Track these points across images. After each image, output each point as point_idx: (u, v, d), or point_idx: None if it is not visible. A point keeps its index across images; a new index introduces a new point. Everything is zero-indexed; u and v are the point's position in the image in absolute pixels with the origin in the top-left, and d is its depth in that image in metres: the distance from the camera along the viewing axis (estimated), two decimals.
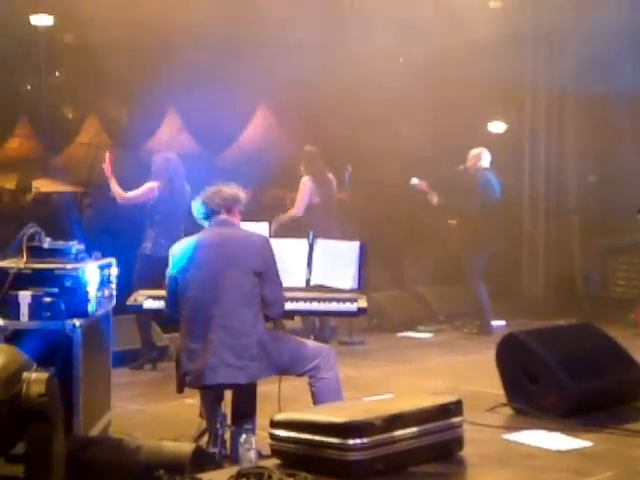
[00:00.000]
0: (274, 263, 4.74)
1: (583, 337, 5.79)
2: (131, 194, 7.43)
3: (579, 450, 4.51)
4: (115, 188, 7.39)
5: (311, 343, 5.10)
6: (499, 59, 9.50)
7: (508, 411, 5.33)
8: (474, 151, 9.07)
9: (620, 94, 9.06)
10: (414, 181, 9.18)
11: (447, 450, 4.31)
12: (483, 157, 9.02)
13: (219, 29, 8.91)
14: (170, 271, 4.75)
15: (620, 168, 9.65)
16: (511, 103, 10.85)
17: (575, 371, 5.22)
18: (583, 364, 5.34)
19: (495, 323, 8.80)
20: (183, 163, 7.77)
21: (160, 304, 5.07)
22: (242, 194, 4.89)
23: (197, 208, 4.86)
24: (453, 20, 9.25)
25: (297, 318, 6.94)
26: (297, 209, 8.25)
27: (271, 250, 4.75)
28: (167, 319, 5.21)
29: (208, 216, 4.81)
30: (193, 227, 5.07)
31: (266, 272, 4.66)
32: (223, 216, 4.78)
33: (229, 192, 4.82)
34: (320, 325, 7.87)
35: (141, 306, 5.16)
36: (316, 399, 4.77)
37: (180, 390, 4.72)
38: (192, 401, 5.16)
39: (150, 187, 7.41)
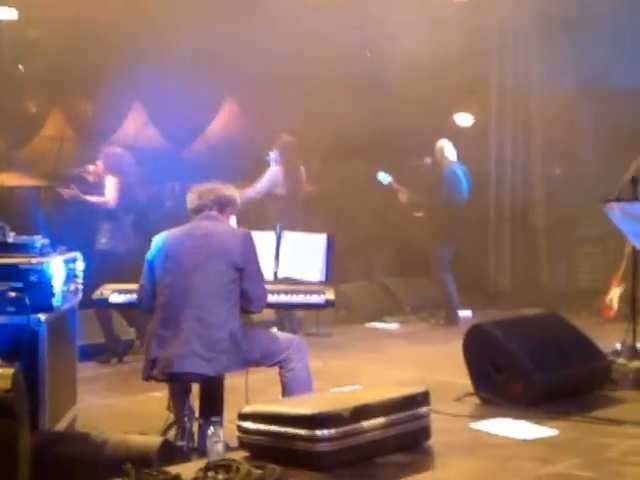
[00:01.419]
0: (256, 258, 4.73)
1: (548, 327, 5.84)
2: (110, 197, 7.41)
3: (545, 438, 4.56)
4: (96, 200, 7.38)
5: (282, 336, 5.10)
6: (466, 53, 9.53)
7: (475, 401, 5.37)
8: (438, 144, 9.12)
9: (584, 90, 9.14)
10: (382, 176, 9.20)
11: (414, 440, 4.34)
12: (445, 150, 9.07)
13: (184, 23, 8.87)
14: (149, 259, 4.74)
15: (584, 161, 9.74)
16: (478, 96, 10.89)
17: (540, 360, 5.27)
18: (548, 353, 5.39)
19: (462, 314, 8.84)
20: (149, 157, 7.74)
21: (127, 297, 5.05)
22: (237, 197, 4.94)
23: (191, 199, 4.87)
24: (420, 15, 9.27)
25: (267, 310, 6.92)
26: (252, 190, 8.14)
27: (253, 245, 4.73)
28: (140, 309, 5.15)
29: (199, 210, 4.82)
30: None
31: (248, 267, 4.65)
32: (213, 212, 4.80)
33: (226, 192, 4.86)
34: (288, 317, 7.89)
35: (107, 300, 5.14)
36: (286, 389, 4.76)
37: (147, 378, 4.69)
38: (159, 394, 5.13)
39: (114, 183, 7.38)
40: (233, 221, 5.19)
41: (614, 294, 8.02)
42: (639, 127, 6.84)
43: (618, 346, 6.21)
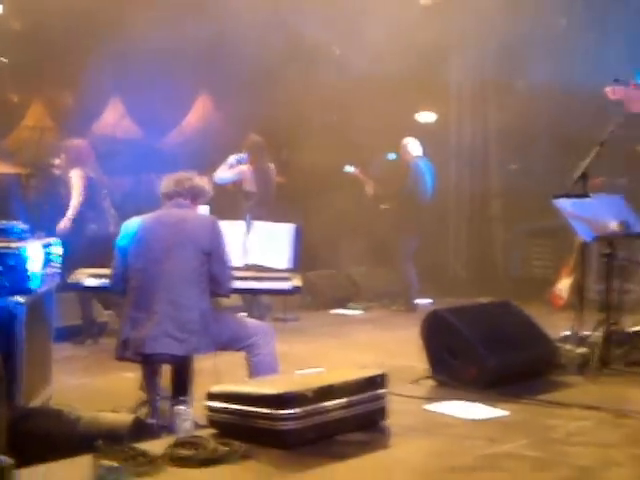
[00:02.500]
0: (223, 243, 4.75)
1: (502, 314, 5.88)
2: (77, 194, 7.38)
3: (496, 419, 4.60)
4: (74, 208, 7.37)
5: (251, 321, 5.12)
6: (428, 53, 9.54)
7: (431, 383, 5.40)
8: (403, 141, 9.18)
9: (539, 88, 9.19)
10: (348, 169, 9.25)
11: (373, 420, 4.37)
12: (411, 146, 9.14)
13: (162, 17, 8.79)
14: (121, 244, 4.73)
15: (538, 156, 9.80)
16: (439, 95, 10.92)
17: (493, 346, 5.31)
18: (501, 339, 5.43)
19: (421, 301, 8.89)
20: (127, 148, 7.73)
21: (101, 281, 5.04)
22: (209, 189, 4.96)
23: (166, 185, 4.87)
24: (387, 15, 9.27)
25: (235, 296, 6.91)
26: (219, 173, 8.12)
27: (220, 231, 4.76)
28: (114, 292, 5.13)
29: (172, 196, 4.82)
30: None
31: (215, 251, 4.68)
32: (185, 200, 4.81)
33: (199, 183, 4.88)
34: (256, 303, 7.88)
35: (82, 284, 5.13)
36: (252, 373, 4.77)
37: (119, 358, 4.69)
38: (132, 375, 5.11)
39: (79, 176, 7.35)
40: (206, 211, 5.20)
41: (564, 284, 8.10)
42: (590, 125, 6.86)
43: (566, 333, 6.27)
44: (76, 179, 7.35)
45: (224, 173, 8.17)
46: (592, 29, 9.06)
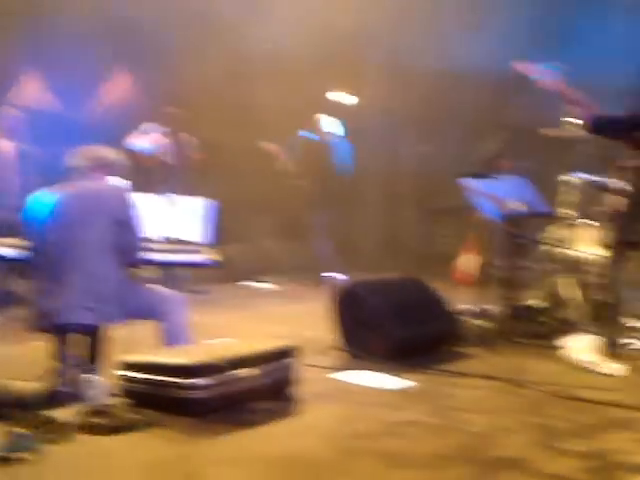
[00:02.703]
0: (134, 213, 4.70)
1: (408, 289, 5.97)
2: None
3: (401, 388, 4.68)
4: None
5: (164, 292, 5.06)
6: (346, 36, 9.55)
7: (340, 354, 5.46)
8: (319, 120, 9.19)
9: (449, 73, 9.29)
10: (263, 144, 9.24)
11: (282, 388, 4.41)
12: (325, 124, 9.15)
13: None
14: (31, 216, 4.63)
15: (446, 139, 9.93)
16: (355, 75, 10.94)
17: (400, 318, 5.39)
18: (408, 312, 5.51)
19: (333, 275, 8.93)
20: (45, 119, 7.55)
21: (13, 252, 4.93)
22: (119, 160, 4.89)
23: (76, 158, 4.79)
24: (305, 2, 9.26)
25: (152, 268, 6.84)
26: (132, 141, 8.09)
27: (131, 202, 4.71)
28: (32, 265, 5.03)
29: (81, 170, 4.75)
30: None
31: (126, 221, 4.63)
32: (94, 172, 4.73)
33: (108, 154, 4.82)
34: (170, 275, 7.82)
35: None
36: (165, 342, 4.74)
37: (33, 328, 4.61)
38: (42, 343, 5.01)
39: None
40: (122, 182, 5.13)
41: (468, 260, 8.23)
42: (496, 110, 7.01)
43: (468, 307, 6.41)
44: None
45: (138, 140, 8.13)
46: (499, 14, 9.19)
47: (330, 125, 9.16)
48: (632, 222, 5.03)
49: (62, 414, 3.85)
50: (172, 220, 5.42)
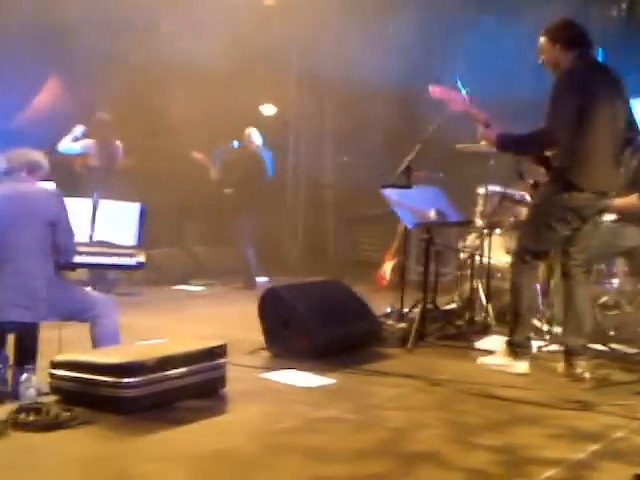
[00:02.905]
0: (67, 215, 4.67)
1: (332, 292, 5.98)
2: None
3: (324, 387, 4.68)
4: None
5: (93, 294, 5.01)
6: (271, 48, 9.56)
7: (266, 354, 5.44)
8: (246, 131, 9.19)
9: (371, 88, 9.36)
10: (194, 155, 9.19)
11: (212, 387, 4.37)
12: (252, 136, 9.17)
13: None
14: None
15: (368, 151, 10.01)
16: (281, 90, 10.96)
17: (323, 320, 5.39)
18: (330, 314, 5.52)
19: (259, 279, 8.92)
20: None
21: None
22: (46, 163, 4.80)
23: (2, 162, 4.69)
24: (233, 14, 9.23)
25: (81, 270, 6.72)
26: (63, 142, 8.11)
27: (63, 203, 4.68)
28: None
29: (9, 172, 4.66)
30: None
31: (60, 223, 4.59)
32: (23, 174, 4.65)
33: (35, 157, 4.75)
34: (101, 277, 7.71)
35: None
36: (95, 343, 4.68)
37: None
38: None
39: None
40: (51, 186, 5.04)
41: (387, 266, 8.32)
42: (416, 123, 7.08)
43: (388, 310, 6.47)
44: None
45: (69, 144, 8.10)
46: (418, 35, 9.31)
47: (256, 136, 9.17)
48: (532, 231, 5.13)
49: None
50: (102, 223, 5.36)
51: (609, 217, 5.74)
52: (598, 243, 5.40)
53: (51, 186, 5.23)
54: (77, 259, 4.97)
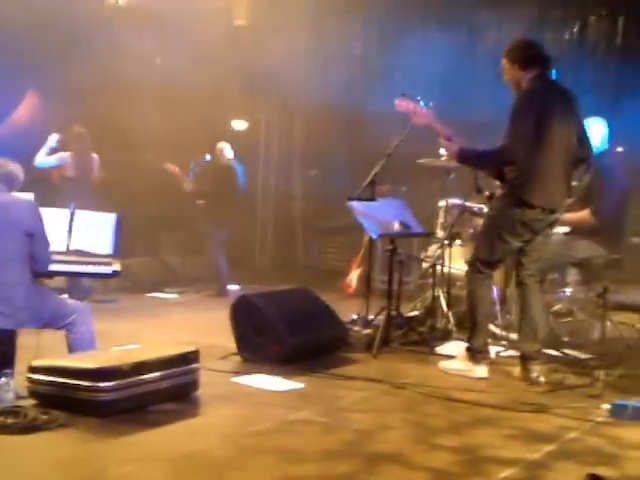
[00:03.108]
0: (42, 225, 4.60)
1: (301, 299, 5.97)
2: None
3: (294, 390, 4.68)
4: None
5: (69, 301, 4.94)
6: (243, 69, 9.56)
7: (238, 359, 5.42)
8: (218, 145, 9.16)
9: (338, 104, 9.39)
10: (167, 166, 9.14)
11: (185, 391, 4.35)
12: (225, 150, 9.14)
13: None
14: None
15: (336, 165, 10.04)
16: (251, 105, 10.95)
17: (293, 326, 5.38)
18: (300, 321, 5.51)
19: (231, 287, 8.88)
20: None
21: None
22: (22, 174, 4.71)
23: None
24: (205, 33, 9.22)
25: (58, 278, 6.64)
26: (39, 157, 8.01)
27: (40, 214, 4.61)
28: None
29: None
30: None
31: (36, 233, 4.52)
32: (1, 185, 4.55)
33: (13, 169, 4.65)
34: (76, 285, 7.63)
35: None
36: (71, 349, 4.62)
37: None
38: None
39: None
40: (29, 196, 4.99)
41: (353, 275, 8.32)
42: (380, 140, 7.09)
43: (354, 317, 6.46)
44: None
45: (45, 157, 8.04)
46: (383, 56, 9.39)
47: (228, 150, 9.15)
48: (486, 243, 5.16)
49: None
50: (79, 233, 5.31)
51: (562, 230, 5.81)
52: (551, 254, 5.47)
53: (29, 197, 5.18)
54: (54, 267, 4.91)
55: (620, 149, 6.43)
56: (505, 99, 5.14)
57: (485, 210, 6.10)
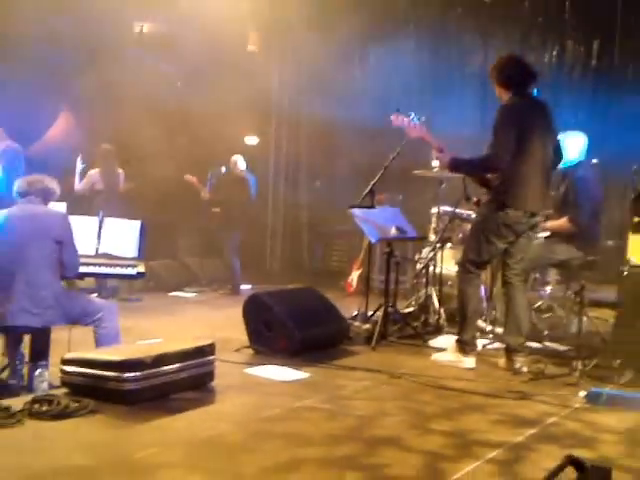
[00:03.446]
0: (72, 234, 4.61)
1: (306, 297, 5.95)
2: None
3: (300, 380, 4.66)
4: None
5: (97, 300, 4.95)
6: (253, 90, 9.56)
7: (250, 352, 5.40)
8: (232, 158, 9.16)
9: (339, 123, 9.38)
10: (187, 177, 9.15)
11: (202, 381, 4.33)
12: (239, 162, 9.14)
13: (31, 35, 8.25)
14: None
15: (338, 176, 10.02)
16: (262, 122, 10.96)
17: (300, 322, 5.37)
18: (306, 317, 5.49)
19: (243, 286, 8.87)
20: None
21: None
22: (58, 189, 4.73)
23: (21, 186, 4.64)
24: (220, 60, 9.23)
25: (88, 279, 6.65)
26: (77, 187, 8.10)
27: (69, 224, 4.62)
28: None
29: (24, 195, 4.60)
30: None
31: (65, 241, 4.53)
32: (37, 198, 4.59)
33: (49, 184, 4.66)
34: (104, 285, 7.64)
35: None
36: (98, 344, 4.62)
37: None
38: None
39: None
40: (62, 207, 5.00)
41: (354, 275, 8.32)
42: (378, 154, 7.08)
43: (355, 313, 6.45)
44: None
45: (80, 185, 8.13)
46: (380, 78, 9.37)
47: (242, 162, 9.15)
48: (474, 245, 5.15)
49: (13, 403, 3.70)
50: (107, 238, 5.34)
51: (543, 234, 5.80)
52: (534, 256, 5.45)
53: (62, 207, 5.20)
54: (85, 269, 4.94)
55: (595, 161, 6.40)
56: (489, 115, 5.14)
57: (473, 216, 6.09)
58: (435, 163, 6.49)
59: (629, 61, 8.61)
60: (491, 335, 5.95)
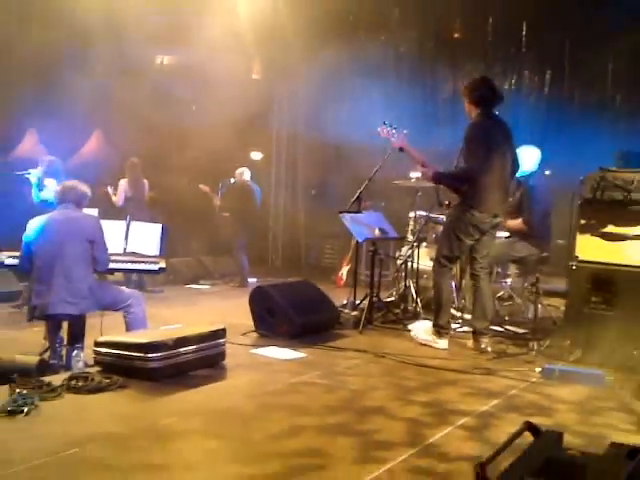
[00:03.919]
0: (102, 234, 4.57)
1: (304, 288, 5.93)
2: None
3: (299, 359, 4.64)
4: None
5: (126, 290, 4.91)
6: (256, 112, 9.54)
7: (256, 335, 5.38)
8: (239, 170, 9.12)
9: (333, 135, 9.34)
10: (201, 187, 9.12)
11: (215, 360, 4.32)
12: (245, 174, 9.10)
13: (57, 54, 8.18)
14: (27, 238, 4.44)
15: (330, 186, 10.01)
16: (265, 140, 10.94)
17: (298, 310, 5.35)
18: (303, 305, 5.48)
19: (250, 280, 8.84)
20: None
21: (16, 261, 4.72)
22: (90, 193, 4.68)
23: (58, 193, 4.61)
24: (228, 86, 9.20)
25: (117, 273, 6.62)
26: (117, 199, 8.07)
27: (100, 226, 4.59)
28: (21, 272, 4.84)
29: (60, 202, 4.57)
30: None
31: (97, 240, 4.50)
32: (72, 204, 4.55)
33: (83, 190, 4.61)
34: (130, 279, 7.60)
35: (3, 262, 4.81)
36: (128, 328, 4.59)
37: (29, 319, 4.43)
38: (38, 329, 4.78)
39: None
40: (94, 212, 4.97)
41: (344, 270, 8.30)
42: (364, 166, 7.04)
43: (345, 302, 6.44)
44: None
45: (118, 198, 8.06)
46: (366, 102, 9.35)
47: (248, 174, 9.12)
48: (446, 242, 5.13)
49: (53, 379, 3.67)
50: (133, 239, 5.32)
51: (504, 234, 5.80)
52: (496, 253, 5.45)
53: (94, 212, 5.17)
54: (114, 265, 4.90)
55: (548, 172, 6.40)
56: (458, 133, 5.13)
57: (444, 219, 6.09)
58: (413, 174, 6.49)
59: (576, 88, 8.75)
60: (461, 320, 5.94)
